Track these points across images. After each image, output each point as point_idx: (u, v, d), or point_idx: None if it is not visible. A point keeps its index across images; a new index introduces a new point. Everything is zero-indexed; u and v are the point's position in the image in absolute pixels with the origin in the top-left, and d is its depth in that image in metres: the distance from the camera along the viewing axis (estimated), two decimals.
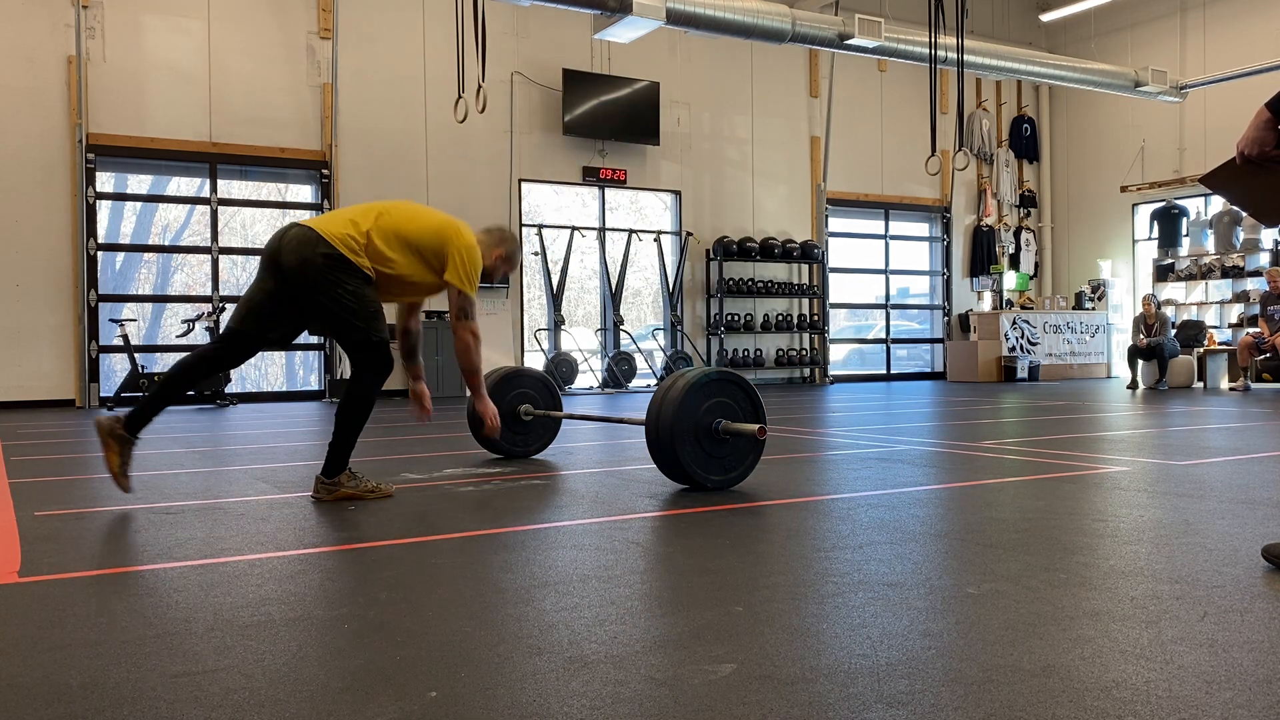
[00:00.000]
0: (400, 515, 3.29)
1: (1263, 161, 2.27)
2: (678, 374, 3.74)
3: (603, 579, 2.33)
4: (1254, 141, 2.26)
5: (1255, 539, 2.66)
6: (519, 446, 4.92)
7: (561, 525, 3.07)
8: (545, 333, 12.91)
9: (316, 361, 11.87)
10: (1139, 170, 15.43)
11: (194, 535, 2.95)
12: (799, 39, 11.11)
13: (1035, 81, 14.92)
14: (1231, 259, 14.07)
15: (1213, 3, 14.43)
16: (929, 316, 16.25)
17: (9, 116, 10.13)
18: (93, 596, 2.23)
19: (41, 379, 10.29)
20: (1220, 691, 1.51)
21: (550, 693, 1.55)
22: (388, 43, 11.82)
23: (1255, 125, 2.26)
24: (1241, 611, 1.97)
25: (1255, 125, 2.26)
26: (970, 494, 3.63)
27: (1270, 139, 2.25)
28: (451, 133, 11.80)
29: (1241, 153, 2.29)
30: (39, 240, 10.26)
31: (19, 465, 4.91)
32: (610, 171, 13.05)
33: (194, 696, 1.56)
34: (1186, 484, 3.76)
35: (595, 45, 12.82)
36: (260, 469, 4.64)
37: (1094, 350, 15.38)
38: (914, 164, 15.05)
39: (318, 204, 11.58)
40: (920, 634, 1.84)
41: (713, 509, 3.30)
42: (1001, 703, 1.48)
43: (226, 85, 11.05)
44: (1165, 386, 11.99)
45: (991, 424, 6.86)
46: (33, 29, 10.22)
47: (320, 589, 2.29)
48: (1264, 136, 2.25)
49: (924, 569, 2.39)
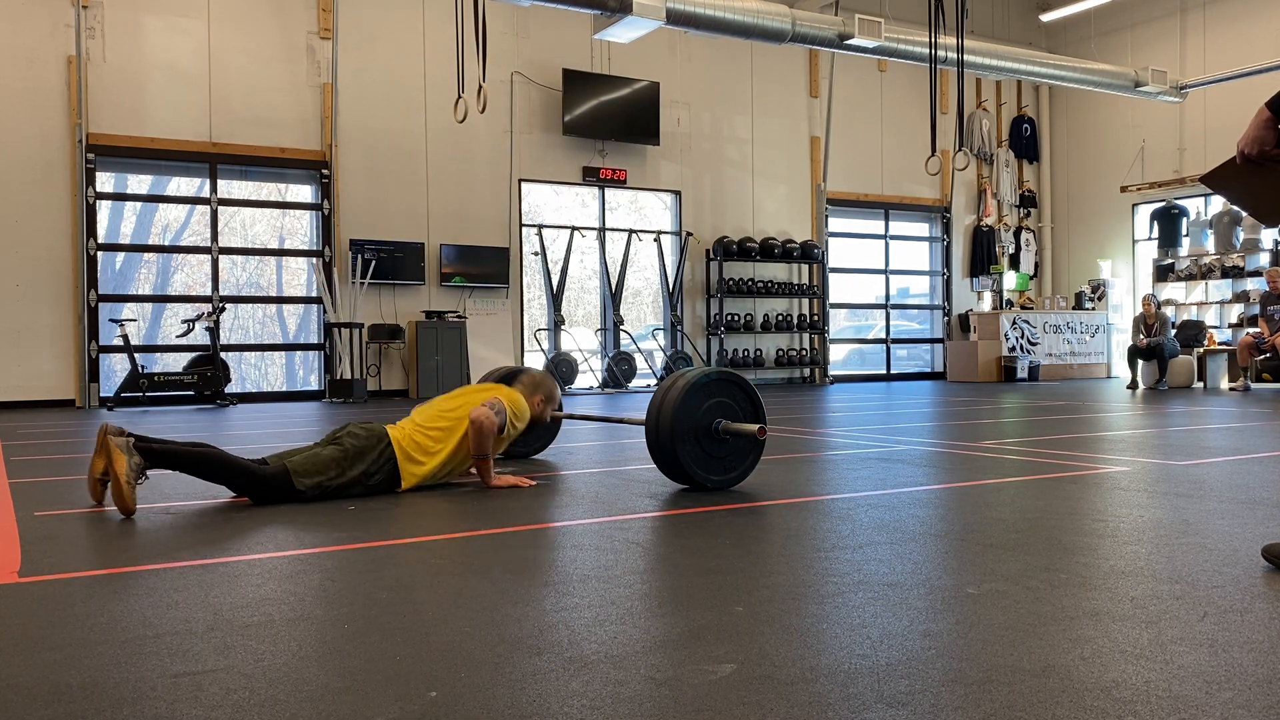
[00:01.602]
0: (400, 515, 3.29)
1: (1263, 161, 2.27)
2: (678, 374, 3.74)
3: (603, 579, 2.33)
4: (1254, 141, 2.26)
5: (1255, 539, 2.66)
6: (519, 446, 4.92)
7: (561, 525, 3.07)
8: (545, 333, 12.91)
9: (316, 361, 11.87)
10: (1139, 170, 15.43)
11: (194, 535, 2.95)
12: (799, 39, 11.11)
13: (1035, 81, 14.92)
14: (1231, 259, 14.07)
15: (1213, 3, 14.43)
16: (929, 316, 16.25)
17: (9, 116, 10.13)
18: (93, 596, 2.23)
19: (41, 379, 10.29)
20: (1220, 691, 1.51)
21: (550, 693, 1.55)
22: (388, 43, 11.82)
23: (1256, 125, 2.26)
24: (1241, 611, 1.97)
25: (1256, 125, 2.26)
26: (970, 494, 3.63)
27: (1271, 139, 2.25)
28: (451, 133, 11.81)
29: (1242, 152, 2.28)
30: (39, 240, 10.27)
31: (19, 465, 4.91)
32: (610, 171, 13.05)
33: (194, 696, 1.56)
34: (1186, 484, 3.76)
35: (595, 45, 12.82)
36: None
37: (1094, 350, 15.38)
38: (914, 164, 15.05)
39: (318, 204, 11.58)
40: (920, 634, 1.84)
41: (713, 509, 3.30)
42: (1001, 703, 1.48)
43: (226, 85, 11.05)
44: (1165, 386, 11.99)
45: (991, 424, 6.86)
46: (33, 29, 10.22)
47: (320, 589, 2.28)
48: (1264, 136, 2.25)
49: (924, 569, 2.39)
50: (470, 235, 12.25)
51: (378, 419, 4.02)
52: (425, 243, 11.97)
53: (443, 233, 12.10)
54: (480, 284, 12.28)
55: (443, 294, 12.12)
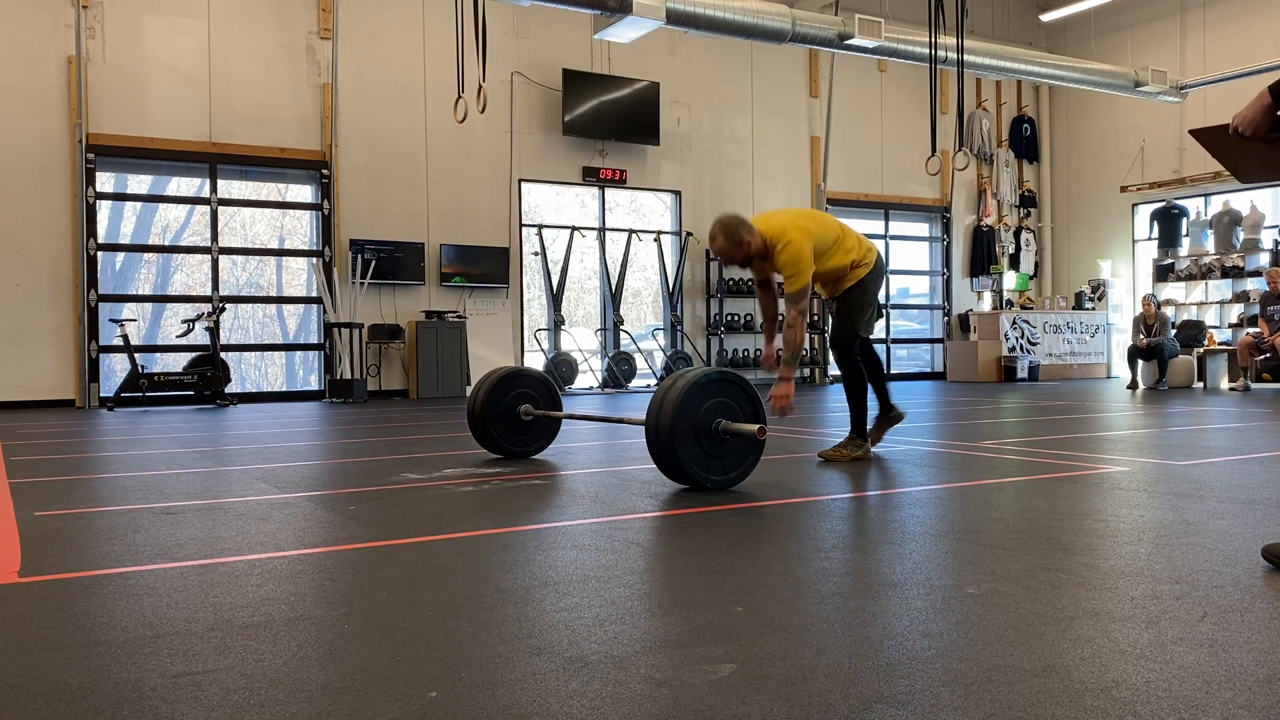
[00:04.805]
0: (400, 515, 3.29)
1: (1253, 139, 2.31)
2: (678, 374, 3.74)
3: (603, 579, 2.33)
4: (1250, 124, 2.28)
5: (1255, 539, 2.66)
6: (519, 446, 4.92)
7: (561, 525, 3.07)
8: (545, 333, 12.92)
9: (316, 361, 11.87)
10: (1139, 170, 15.43)
11: (194, 535, 2.95)
12: (799, 39, 11.11)
13: (1035, 81, 14.92)
14: (1231, 259, 14.07)
15: (1213, 3, 14.43)
16: (929, 316, 16.25)
17: (9, 116, 10.13)
18: (93, 596, 2.23)
19: (41, 379, 10.29)
20: (1220, 691, 1.51)
21: (550, 693, 1.55)
22: (388, 43, 11.82)
23: (1255, 108, 2.28)
24: (1241, 611, 1.96)
25: (1255, 108, 2.28)
26: (970, 494, 3.63)
27: (1266, 125, 2.27)
28: (451, 133, 11.81)
29: (1236, 128, 2.31)
30: (39, 240, 10.27)
31: (19, 465, 4.91)
32: (610, 171, 13.05)
33: (194, 696, 1.56)
34: (1186, 484, 3.76)
35: (595, 45, 12.82)
36: (260, 469, 4.64)
37: (1094, 350, 15.38)
38: (914, 164, 15.05)
39: (318, 204, 11.58)
40: (920, 634, 1.84)
41: (713, 509, 3.30)
42: (1001, 703, 1.48)
43: (226, 85, 11.05)
44: (1165, 386, 11.99)
45: (991, 424, 6.86)
46: (33, 29, 10.22)
47: (320, 589, 2.28)
48: (1261, 121, 2.27)
49: (924, 569, 2.39)
50: (470, 235, 12.25)
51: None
52: (425, 243, 11.97)
53: (443, 233, 12.10)
54: (480, 284, 12.28)
55: (443, 294, 12.12)
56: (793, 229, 4.44)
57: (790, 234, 4.41)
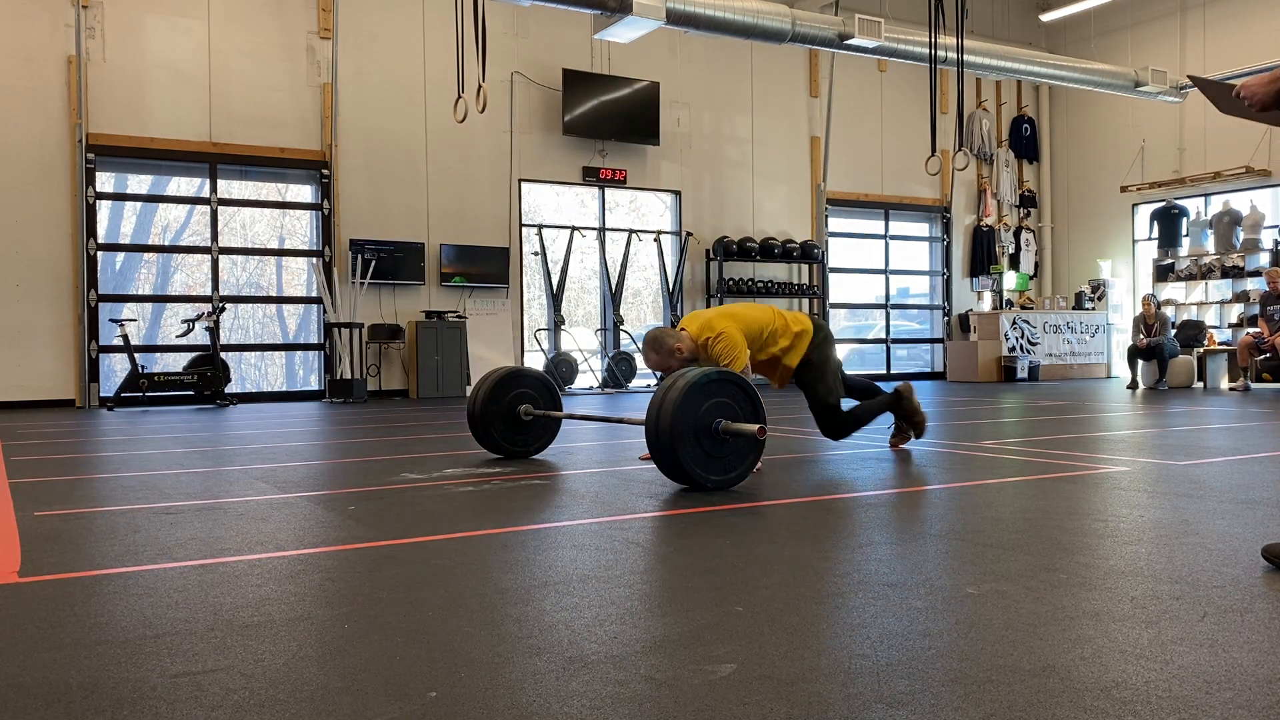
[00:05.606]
0: (400, 515, 3.29)
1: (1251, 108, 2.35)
2: (678, 374, 3.74)
3: (603, 579, 2.33)
4: (1258, 100, 2.31)
5: (1255, 539, 2.66)
6: (519, 446, 4.92)
7: (561, 525, 3.07)
8: (545, 333, 12.92)
9: (316, 361, 11.87)
10: (1139, 170, 15.43)
11: (194, 535, 2.95)
12: (799, 39, 11.11)
13: (1035, 81, 14.92)
14: (1231, 259, 14.07)
15: (1213, 3, 14.43)
16: (929, 316, 16.25)
17: (9, 116, 10.13)
18: (93, 596, 2.23)
19: (41, 379, 10.29)
20: (1220, 691, 1.51)
21: (550, 693, 1.55)
22: (388, 43, 11.82)
23: (1265, 84, 2.29)
24: (1241, 611, 1.97)
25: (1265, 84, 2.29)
26: (970, 494, 3.63)
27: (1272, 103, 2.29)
28: (451, 133, 11.81)
29: (1240, 95, 2.33)
30: (39, 240, 10.27)
31: (19, 465, 4.91)
32: (610, 171, 13.05)
33: (194, 696, 1.56)
34: (1186, 484, 3.76)
35: (595, 45, 12.82)
36: (260, 469, 4.64)
37: (1094, 350, 15.38)
38: (914, 164, 15.05)
39: (318, 204, 11.58)
40: (920, 634, 1.84)
41: (713, 509, 3.30)
42: (1001, 703, 1.48)
43: (226, 85, 11.05)
44: (1165, 386, 11.99)
45: (991, 424, 6.86)
46: (33, 29, 10.22)
47: (320, 589, 2.28)
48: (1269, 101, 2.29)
49: (924, 569, 2.39)
50: (470, 235, 12.25)
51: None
52: (425, 243, 11.97)
53: (443, 233, 12.10)
54: (480, 284, 12.28)
55: (443, 294, 12.12)
56: (720, 320, 4.51)
57: (718, 324, 4.48)
